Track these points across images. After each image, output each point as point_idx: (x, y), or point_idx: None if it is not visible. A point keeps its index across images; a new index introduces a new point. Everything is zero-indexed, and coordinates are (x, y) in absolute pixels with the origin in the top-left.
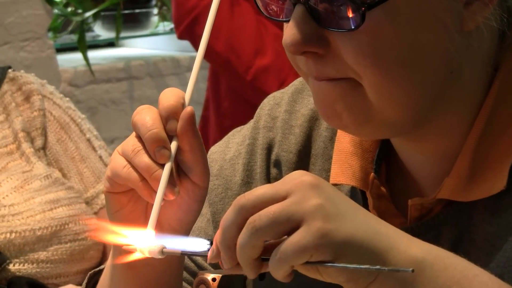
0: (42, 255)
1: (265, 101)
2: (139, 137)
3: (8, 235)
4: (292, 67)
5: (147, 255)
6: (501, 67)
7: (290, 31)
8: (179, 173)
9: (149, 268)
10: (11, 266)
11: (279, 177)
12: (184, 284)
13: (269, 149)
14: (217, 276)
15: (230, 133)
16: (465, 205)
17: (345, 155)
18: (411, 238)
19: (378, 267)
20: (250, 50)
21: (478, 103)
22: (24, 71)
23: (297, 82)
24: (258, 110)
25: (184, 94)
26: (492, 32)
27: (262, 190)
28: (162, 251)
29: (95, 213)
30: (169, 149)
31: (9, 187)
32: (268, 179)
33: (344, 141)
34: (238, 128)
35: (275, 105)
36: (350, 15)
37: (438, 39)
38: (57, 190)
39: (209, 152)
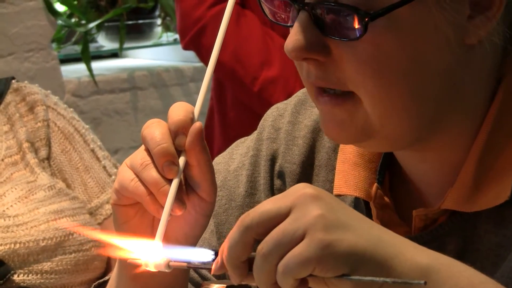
0: (46, 265)
1: (269, 112)
2: (148, 151)
3: (12, 245)
4: (298, 78)
5: (153, 268)
6: (504, 80)
7: (292, 37)
8: (186, 188)
9: (155, 280)
10: (15, 277)
11: (283, 188)
12: None
13: (272, 160)
14: (221, 286)
15: (234, 144)
16: (470, 216)
17: (348, 165)
18: (417, 246)
19: (393, 279)
20: (257, 61)
21: (481, 115)
22: (28, 82)
23: (300, 93)
24: (261, 121)
25: (193, 108)
26: (495, 46)
27: (266, 207)
28: (168, 265)
29: (99, 224)
30: (178, 165)
31: (14, 198)
32: (272, 191)
33: (347, 152)
34: (242, 139)
35: (279, 116)
36: (353, 24)
37: (440, 52)
38: (61, 200)
39: (213, 162)
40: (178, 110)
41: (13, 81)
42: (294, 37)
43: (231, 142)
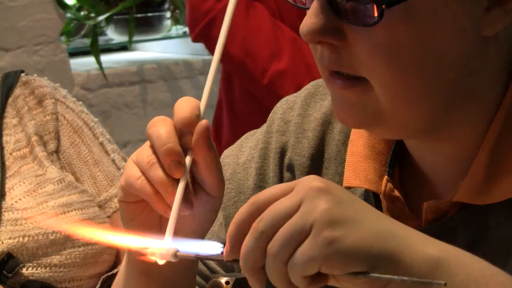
0: (55, 259)
1: (278, 105)
2: (154, 148)
3: (21, 239)
4: (308, 72)
5: (160, 258)
6: None
7: (308, 20)
8: (193, 185)
9: (163, 273)
10: (24, 270)
11: (292, 180)
12: None
13: (282, 153)
14: (231, 279)
15: (243, 137)
16: (480, 208)
17: (358, 158)
18: (427, 237)
19: (410, 279)
20: (266, 53)
21: (493, 108)
22: (37, 75)
23: (310, 86)
24: (271, 114)
25: (199, 103)
26: (510, 39)
27: (277, 209)
28: (175, 255)
29: (108, 217)
30: (184, 164)
31: (22, 191)
32: (281, 183)
33: (357, 145)
34: (251, 132)
35: (288, 109)
36: (369, 11)
37: (454, 42)
38: (70, 194)
39: (222, 156)
40: (184, 107)
41: (22, 74)
42: (310, 20)
43: (240, 134)
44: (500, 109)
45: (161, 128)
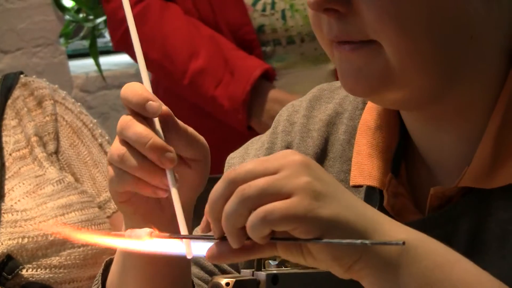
0: (55, 260)
1: (284, 108)
2: (124, 142)
3: (20, 240)
4: (226, 66)
5: (135, 239)
6: None
7: None
8: (178, 158)
9: (156, 267)
10: (24, 272)
11: None
12: (202, 283)
13: None
14: (231, 280)
15: (249, 141)
16: (483, 194)
17: (362, 156)
18: (397, 223)
19: (370, 241)
20: (184, 54)
21: (498, 87)
22: (36, 77)
23: (315, 90)
24: (276, 117)
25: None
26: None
27: (252, 165)
28: (150, 235)
29: (108, 217)
30: (172, 151)
31: (22, 192)
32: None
33: (361, 144)
34: (257, 137)
35: (294, 111)
36: None
37: (460, 2)
38: (69, 194)
39: (228, 158)
40: (138, 98)
41: (21, 76)
42: None
43: None
44: (504, 89)
45: (136, 127)
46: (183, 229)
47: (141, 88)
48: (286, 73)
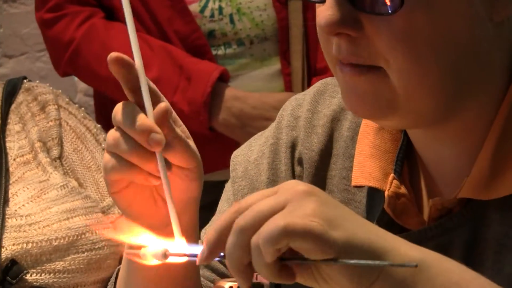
0: (59, 265)
1: (287, 103)
2: (119, 129)
3: (24, 245)
4: (181, 72)
5: (151, 259)
6: None
7: (325, 12)
8: (167, 162)
9: (163, 272)
10: (28, 277)
11: (302, 175)
12: (210, 284)
13: (292, 147)
14: (234, 284)
15: (252, 138)
16: (480, 205)
17: (364, 157)
18: (408, 243)
19: (386, 262)
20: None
21: (500, 97)
22: (40, 82)
23: (319, 84)
24: (280, 112)
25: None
26: None
27: (259, 208)
28: (165, 255)
29: (112, 222)
30: (160, 133)
31: (26, 197)
32: (293, 177)
33: (364, 144)
34: (260, 133)
35: (297, 106)
36: (387, 0)
37: (469, 27)
38: (73, 199)
39: (232, 156)
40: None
41: (25, 80)
42: (327, 12)
43: None
44: (504, 103)
45: (126, 109)
46: (174, 218)
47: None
48: (238, 74)
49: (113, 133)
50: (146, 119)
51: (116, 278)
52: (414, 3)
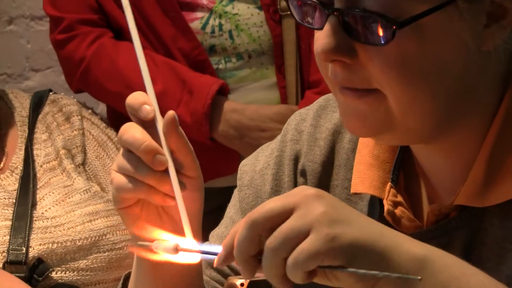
0: (82, 263)
1: (292, 117)
2: (129, 152)
3: (50, 245)
4: (184, 86)
5: (162, 252)
6: None
7: (322, 40)
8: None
9: (172, 269)
10: (53, 274)
11: (305, 185)
12: (219, 286)
13: (296, 160)
14: (245, 281)
15: (259, 148)
16: (478, 210)
17: (363, 166)
18: (413, 239)
19: (387, 273)
20: (143, 81)
21: (491, 115)
22: (64, 94)
23: (321, 100)
24: (285, 125)
25: (144, 94)
26: (508, 52)
27: (271, 206)
28: (176, 249)
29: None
30: (164, 155)
31: (52, 201)
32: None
33: (364, 154)
34: (267, 144)
35: (301, 120)
36: (381, 31)
37: (459, 57)
38: (96, 203)
39: (240, 165)
40: (135, 102)
41: (50, 93)
42: (323, 40)
43: None
44: (496, 117)
45: (134, 131)
46: (188, 232)
47: (141, 95)
48: (238, 86)
49: (126, 156)
50: (151, 141)
51: (123, 282)
52: (406, 34)
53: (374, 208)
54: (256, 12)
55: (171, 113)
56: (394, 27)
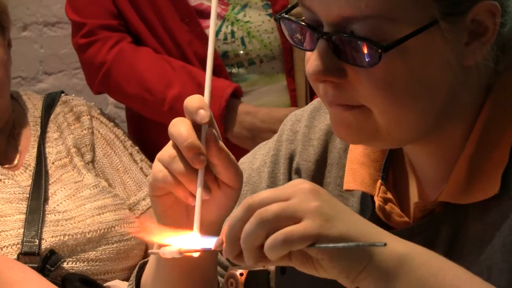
0: (92, 254)
1: (288, 118)
2: (176, 146)
3: (62, 237)
4: (199, 90)
5: (167, 255)
6: (493, 89)
7: (313, 62)
8: (215, 179)
9: (188, 263)
10: (65, 265)
11: None
12: (219, 277)
13: (290, 159)
14: (244, 271)
15: (257, 146)
16: (461, 206)
17: (355, 164)
18: (396, 237)
19: (355, 243)
20: (161, 85)
21: (472, 120)
22: (75, 95)
23: (316, 102)
24: (281, 126)
25: (203, 98)
26: (488, 67)
27: (267, 193)
28: (180, 252)
29: (137, 218)
30: (205, 155)
31: (63, 196)
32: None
33: (355, 152)
34: (264, 142)
35: (296, 121)
36: (368, 55)
37: (442, 74)
38: (104, 197)
39: (239, 162)
40: (192, 105)
41: (62, 94)
42: (314, 62)
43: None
44: (477, 122)
45: (181, 126)
46: (196, 226)
47: (199, 99)
48: (250, 89)
49: (169, 150)
50: (196, 140)
51: (136, 275)
52: (392, 56)
53: (366, 204)
54: (267, 19)
55: (210, 130)
56: (380, 51)
